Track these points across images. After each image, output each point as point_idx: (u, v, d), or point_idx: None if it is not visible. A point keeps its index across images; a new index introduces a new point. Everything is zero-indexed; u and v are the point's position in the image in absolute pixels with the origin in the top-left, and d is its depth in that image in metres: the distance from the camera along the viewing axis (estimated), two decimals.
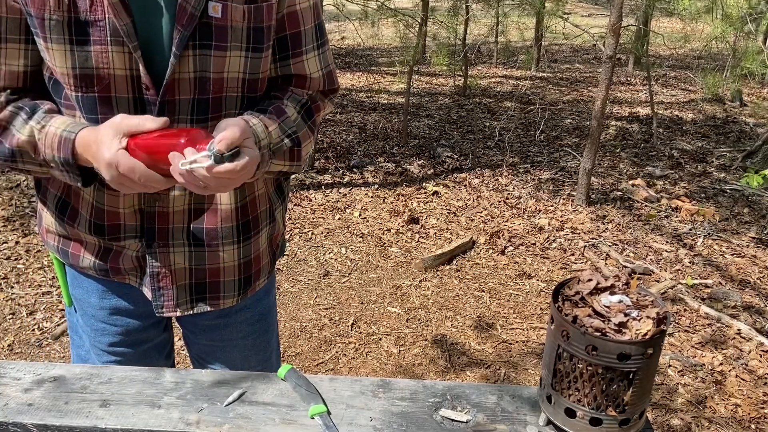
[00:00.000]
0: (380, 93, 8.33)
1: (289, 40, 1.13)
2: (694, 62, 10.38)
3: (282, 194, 1.32)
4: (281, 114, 1.11)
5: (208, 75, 1.05)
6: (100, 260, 1.18)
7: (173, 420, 0.98)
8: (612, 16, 4.45)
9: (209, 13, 1.00)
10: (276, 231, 1.31)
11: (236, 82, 1.08)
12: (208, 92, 1.06)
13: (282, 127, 1.10)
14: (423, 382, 1.07)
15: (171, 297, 1.20)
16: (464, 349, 3.18)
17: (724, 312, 3.44)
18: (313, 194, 4.90)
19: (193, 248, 1.17)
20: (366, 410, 1.00)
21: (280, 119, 1.10)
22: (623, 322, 0.80)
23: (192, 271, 1.19)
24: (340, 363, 3.05)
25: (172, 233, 1.15)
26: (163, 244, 1.16)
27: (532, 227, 4.48)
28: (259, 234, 1.24)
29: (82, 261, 1.20)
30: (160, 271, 1.17)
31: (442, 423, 0.97)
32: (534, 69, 9.48)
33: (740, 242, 4.29)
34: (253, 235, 1.23)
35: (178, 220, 1.15)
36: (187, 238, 1.17)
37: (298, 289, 3.66)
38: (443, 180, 5.31)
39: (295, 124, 1.13)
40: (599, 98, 4.59)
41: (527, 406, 1.00)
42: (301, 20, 1.13)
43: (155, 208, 1.13)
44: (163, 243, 1.16)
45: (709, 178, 5.46)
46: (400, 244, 4.21)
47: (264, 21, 1.06)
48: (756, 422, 2.69)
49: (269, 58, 1.12)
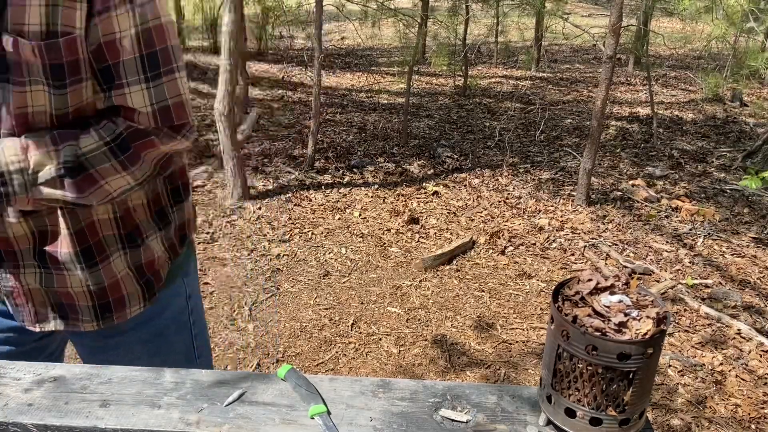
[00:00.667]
0: (380, 93, 8.33)
1: (111, 70, 1.05)
2: (694, 62, 10.38)
3: (165, 220, 1.26)
4: (65, 140, 1.03)
5: (9, 109, 1.01)
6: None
7: (173, 420, 0.98)
8: (612, 16, 4.45)
9: (2, 44, 0.95)
10: (150, 258, 1.25)
11: (44, 116, 1.04)
12: (10, 127, 1.02)
13: (58, 154, 1.03)
14: (423, 382, 1.07)
15: (29, 313, 1.19)
16: (464, 349, 3.18)
17: (724, 312, 3.44)
18: (313, 194, 4.90)
19: (43, 270, 1.16)
20: (366, 410, 1.00)
21: (60, 146, 1.03)
22: (623, 322, 0.80)
23: (46, 292, 1.18)
24: (340, 363, 3.05)
25: (21, 255, 1.14)
26: (13, 265, 1.14)
27: (532, 227, 4.48)
28: (108, 260, 1.19)
29: None
30: (13, 290, 1.17)
31: (442, 423, 0.97)
32: (534, 69, 9.48)
33: (740, 242, 4.29)
34: (100, 261, 1.18)
35: (24, 243, 1.13)
36: (36, 259, 1.15)
37: (298, 289, 3.66)
38: (443, 180, 5.31)
39: (85, 153, 1.04)
40: (599, 98, 4.59)
41: (527, 406, 1.00)
42: (121, 51, 1.04)
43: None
44: (13, 264, 1.14)
45: (709, 178, 5.46)
46: (400, 244, 4.21)
47: (63, 57, 0.99)
48: (756, 422, 2.69)
49: (82, 91, 1.05)
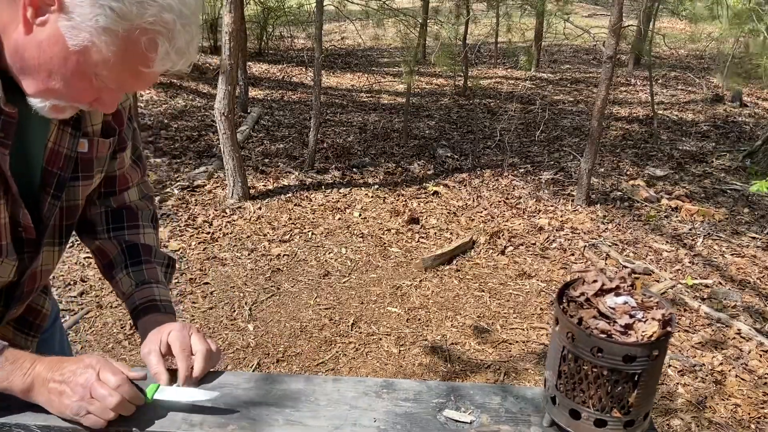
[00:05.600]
0: (381, 93, 8.32)
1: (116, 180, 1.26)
2: (694, 62, 10.38)
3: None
4: (149, 252, 1.22)
5: (77, 202, 1.12)
6: None
7: (177, 421, 0.98)
8: (612, 17, 4.45)
9: (77, 149, 1.06)
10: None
11: (92, 197, 1.20)
12: (74, 217, 1.14)
13: (160, 266, 1.23)
14: (427, 383, 1.07)
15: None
16: (464, 349, 3.18)
17: (724, 312, 3.44)
18: (313, 194, 4.90)
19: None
20: (370, 411, 1.00)
21: (155, 260, 1.23)
22: (629, 324, 0.80)
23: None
24: (340, 363, 3.05)
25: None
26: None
27: (532, 227, 4.48)
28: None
29: None
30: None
31: (446, 424, 0.97)
32: (534, 69, 9.48)
33: (740, 242, 4.29)
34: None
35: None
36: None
37: (298, 289, 3.66)
38: (443, 180, 5.31)
39: (157, 248, 1.26)
40: (599, 98, 4.59)
41: (531, 407, 1.00)
42: (128, 177, 1.28)
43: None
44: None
45: (710, 178, 5.46)
46: (400, 244, 4.21)
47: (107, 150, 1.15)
48: (756, 422, 2.70)
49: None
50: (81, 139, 1.06)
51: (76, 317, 3.25)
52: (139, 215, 1.26)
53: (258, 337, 3.20)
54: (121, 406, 0.94)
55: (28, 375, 0.95)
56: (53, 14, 0.83)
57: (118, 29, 0.83)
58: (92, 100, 0.93)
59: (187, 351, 1.05)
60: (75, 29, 0.83)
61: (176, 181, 4.93)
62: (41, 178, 1.03)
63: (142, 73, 0.89)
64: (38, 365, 0.96)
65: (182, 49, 0.88)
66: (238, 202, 4.66)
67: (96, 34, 0.83)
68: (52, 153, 1.03)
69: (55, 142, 1.03)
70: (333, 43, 11.60)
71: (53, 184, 1.04)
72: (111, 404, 0.93)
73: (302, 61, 9.66)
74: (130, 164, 1.24)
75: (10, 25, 0.86)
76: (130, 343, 3.10)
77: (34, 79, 0.88)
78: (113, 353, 2.99)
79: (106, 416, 0.93)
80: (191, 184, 4.89)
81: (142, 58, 0.86)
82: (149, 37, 0.84)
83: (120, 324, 3.24)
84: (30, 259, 1.07)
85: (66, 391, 0.94)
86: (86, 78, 0.88)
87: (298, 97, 7.94)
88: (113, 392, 0.94)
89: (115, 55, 0.85)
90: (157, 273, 1.21)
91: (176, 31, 0.85)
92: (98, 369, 0.96)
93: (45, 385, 0.95)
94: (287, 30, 10.57)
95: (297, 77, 9.09)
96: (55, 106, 0.91)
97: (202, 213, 4.48)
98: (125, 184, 1.24)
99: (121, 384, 0.94)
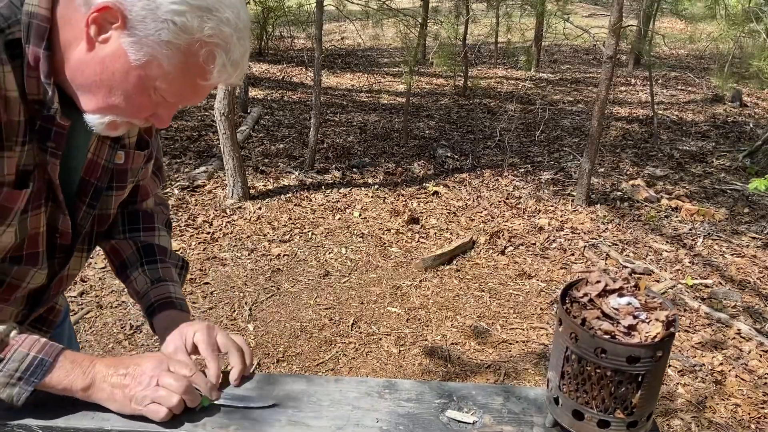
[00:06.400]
0: (380, 93, 8.32)
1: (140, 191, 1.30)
2: (694, 62, 10.39)
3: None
4: (164, 253, 1.24)
5: (109, 212, 1.15)
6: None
7: (179, 421, 0.98)
8: (612, 17, 4.45)
9: (114, 160, 1.09)
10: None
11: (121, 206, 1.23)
12: (105, 225, 1.17)
13: (174, 267, 1.25)
14: (429, 383, 1.06)
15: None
16: (464, 349, 3.18)
17: (724, 312, 3.44)
18: (313, 194, 4.90)
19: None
20: (372, 411, 1.00)
21: (169, 260, 1.25)
22: (632, 325, 0.79)
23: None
24: (340, 363, 3.05)
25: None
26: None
27: (532, 227, 4.48)
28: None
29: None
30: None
31: (449, 424, 0.97)
32: (534, 69, 9.48)
33: (740, 242, 4.29)
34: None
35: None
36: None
37: (298, 289, 3.66)
38: (443, 180, 5.31)
39: (171, 250, 1.28)
40: (599, 98, 4.59)
41: (534, 408, 1.00)
42: (148, 189, 1.30)
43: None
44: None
45: (709, 178, 5.46)
46: (400, 244, 4.21)
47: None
48: (756, 422, 2.70)
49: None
50: (119, 151, 1.09)
51: (76, 317, 3.25)
52: (155, 218, 1.29)
53: (258, 337, 3.20)
54: (188, 393, 0.95)
55: (88, 373, 0.96)
56: (116, 31, 0.85)
57: (179, 43, 0.85)
58: (149, 115, 0.95)
59: (216, 351, 1.05)
60: (137, 44, 0.85)
61: (176, 181, 4.93)
62: (78, 187, 1.06)
63: (199, 86, 0.92)
64: (97, 363, 0.97)
65: (237, 61, 0.91)
66: (238, 202, 4.66)
67: (158, 48, 0.85)
68: (91, 164, 1.06)
69: (94, 153, 1.05)
70: (333, 43, 11.60)
71: (90, 193, 1.07)
72: (179, 389, 0.94)
73: (302, 61, 9.66)
74: (151, 175, 1.28)
75: (72, 43, 0.88)
76: (130, 343, 3.09)
77: (95, 95, 0.90)
78: (113, 353, 2.99)
79: (171, 402, 0.94)
80: (191, 184, 4.89)
81: (200, 70, 0.89)
82: (208, 49, 0.87)
83: (120, 324, 3.23)
84: (60, 265, 1.09)
85: (130, 383, 0.95)
86: (146, 93, 0.90)
87: (298, 97, 7.94)
88: (181, 378, 0.96)
89: (175, 68, 0.87)
90: (172, 272, 1.22)
91: (233, 43, 0.88)
92: (166, 360, 0.99)
93: (106, 380, 0.96)
94: (287, 30, 10.57)
95: (297, 77, 9.09)
96: (112, 122, 0.94)
97: (202, 213, 4.48)
98: (146, 195, 1.28)
99: (192, 373, 0.97)
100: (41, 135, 0.93)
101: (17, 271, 1.03)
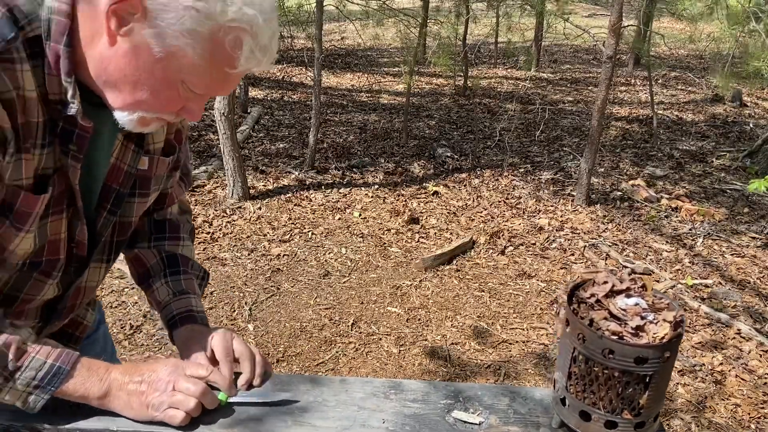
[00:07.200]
0: (381, 93, 8.32)
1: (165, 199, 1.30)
2: (694, 62, 10.40)
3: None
4: (187, 263, 1.23)
5: (131, 219, 1.12)
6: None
7: None
8: (612, 16, 4.45)
9: (138, 166, 1.07)
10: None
11: (144, 214, 1.20)
12: (126, 234, 1.13)
13: (196, 278, 1.24)
14: (434, 384, 1.06)
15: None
16: (464, 349, 3.18)
17: (724, 312, 3.45)
18: (313, 194, 4.89)
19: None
20: (378, 412, 0.99)
21: (191, 271, 1.23)
22: (640, 326, 0.79)
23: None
24: (340, 363, 3.04)
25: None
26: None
27: (532, 227, 4.48)
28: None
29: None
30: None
31: (455, 425, 0.97)
32: (534, 69, 9.49)
33: (740, 242, 4.29)
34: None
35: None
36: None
37: (298, 289, 3.66)
38: (443, 180, 5.31)
39: (194, 260, 1.26)
40: (599, 98, 4.59)
41: (540, 408, 1.00)
42: (173, 196, 1.29)
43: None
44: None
45: (709, 178, 5.47)
46: (400, 244, 4.21)
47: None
48: (756, 422, 2.70)
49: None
50: (143, 156, 1.06)
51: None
52: (181, 228, 1.27)
53: (258, 337, 3.20)
54: (205, 395, 0.95)
55: (104, 381, 0.95)
56: (137, 23, 0.81)
57: (203, 30, 0.82)
58: (179, 109, 0.93)
59: (230, 355, 1.05)
60: (160, 35, 0.82)
61: None
62: (99, 192, 1.03)
63: (228, 75, 0.88)
64: (113, 371, 0.96)
65: (266, 46, 0.86)
66: (238, 202, 4.66)
67: (181, 38, 0.82)
68: (113, 168, 1.03)
69: (117, 158, 1.03)
70: (333, 43, 11.59)
71: (111, 199, 1.05)
72: (196, 393, 0.94)
73: (302, 61, 9.65)
74: (178, 181, 1.27)
75: (94, 39, 0.85)
76: (130, 343, 3.09)
77: (121, 91, 0.87)
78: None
79: (188, 406, 0.94)
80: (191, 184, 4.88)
81: (227, 58, 0.85)
82: (234, 35, 0.83)
83: (120, 324, 3.23)
84: (76, 274, 1.07)
85: (146, 390, 0.95)
86: (173, 86, 0.87)
87: (298, 97, 7.94)
88: (198, 382, 0.95)
89: (201, 57, 0.84)
90: (194, 284, 1.21)
91: (259, 26, 0.84)
92: (181, 365, 0.98)
93: (123, 389, 0.95)
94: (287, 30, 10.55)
95: (297, 77, 9.09)
96: (142, 118, 0.91)
97: (202, 213, 4.48)
98: (171, 201, 1.26)
99: (209, 372, 0.98)
100: (63, 137, 0.90)
101: (31, 283, 1.01)
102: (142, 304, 3.40)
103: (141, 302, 3.41)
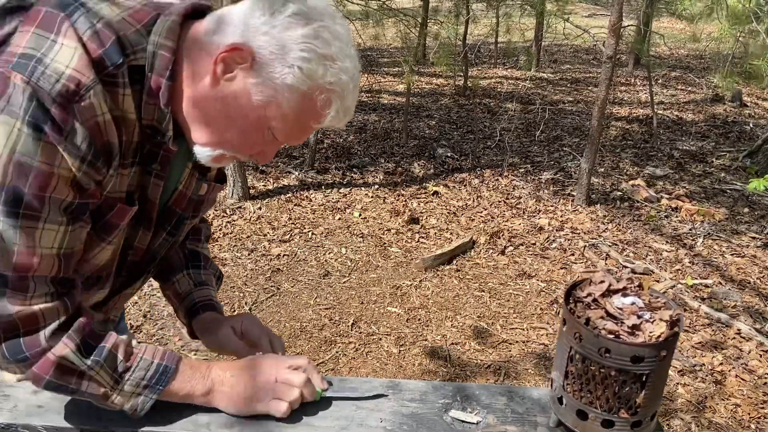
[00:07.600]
0: (381, 93, 8.32)
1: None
2: (694, 62, 10.40)
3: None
4: (206, 261, 1.30)
5: (181, 238, 1.18)
6: None
7: (183, 421, 0.98)
8: (612, 16, 4.45)
9: (199, 192, 1.13)
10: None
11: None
12: (172, 250, 1.21)
13: (213, 276, 1.29)
14: (432, 383, 1.07)
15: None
16: (464, 349, 3.18)
17: (724, 312, 3.45)
18: (313, 194, 4.90)
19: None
20: (376, 411, 1.00)
21: (210, 269, 1.29)
22: (636, 325, 0.80)
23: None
24: (340, 363, 3.05)
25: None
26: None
27: (532, 227, 4.48)
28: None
29: None
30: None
31: (452, 424, 0.97)
32: (534, 69, 9.49)
33: (740, 242, 4.29)
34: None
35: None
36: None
37: (298, 289, 3.66)
38: (443, 180, 5.31)
39: (211, 261, 1.33)
40: (599, 98, 4.59)
41: (537, 408, 1.00)
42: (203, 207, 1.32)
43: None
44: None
45: (709, 178, 5.47)
46: (400, 244, 4.21)
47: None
48: (756, 422, 2.70)
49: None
50: (204, 183, 1.12)
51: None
52: (201, 232, 1.34)
53: None
54: (307, 386, 0.99)
55: (207, 378, 0.98)
56: (242, 71, 0.88)
57: (302, 87, 0.88)
58: (256, 152, 0.98)
59: (266, 335, 1.15)
60: (262, 86, 0.88)
61: None
62: (161, 214, 1.07)
63: (310, 128, 0.95)
64: (214, 367, 1.00)
65: (349, 108, 0.94)
66: (238, 202, 4.66)
67: (281, 91, 0.88)
68: (180, 195, 1.08)
69: (184, 185, 1.08)
70: None
71: (173, 222, 1.10)
72: (299, 383, 0.98)
73: None
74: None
75: (195, 78, 0.91)
76: None
77: (210, 129, 0.93)
78: None
79: (292, 396, 0.97)
80: None
81: (315, 114, 0.91)
82: (326, 96, 0.89)
83: None
84: (124, 285, 1.10)
85: (248, 382, 0.98)
86: (261, 131, 0.93)
87: None
88: (299, 374, 0.99)
89: (292, 110, 0.90)
90: (212, 279, 1.27)
91: (348, 91, 0.91)
92: (282, 358, 1.03)
93: (225, 383, 0.98)
94: None
95: None
96: (221, 155, 0.96)
97: None
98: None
99: (307, 366, 1.01)
100: (147, 158, 0.95)
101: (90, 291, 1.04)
102: (142, 304, 3.41)
103: (141, 302, 3.42)
